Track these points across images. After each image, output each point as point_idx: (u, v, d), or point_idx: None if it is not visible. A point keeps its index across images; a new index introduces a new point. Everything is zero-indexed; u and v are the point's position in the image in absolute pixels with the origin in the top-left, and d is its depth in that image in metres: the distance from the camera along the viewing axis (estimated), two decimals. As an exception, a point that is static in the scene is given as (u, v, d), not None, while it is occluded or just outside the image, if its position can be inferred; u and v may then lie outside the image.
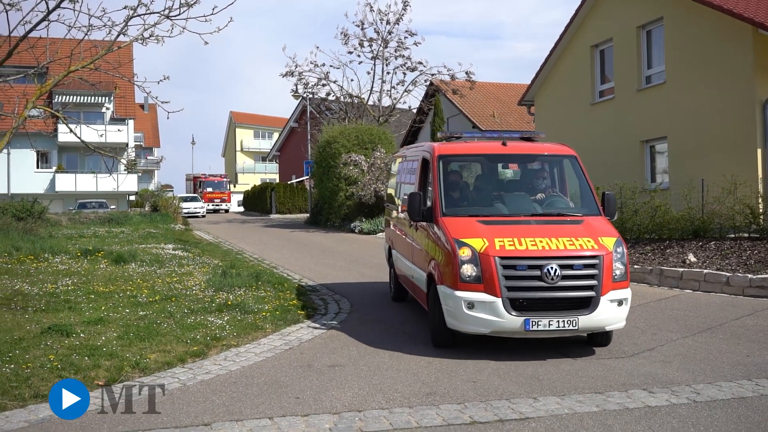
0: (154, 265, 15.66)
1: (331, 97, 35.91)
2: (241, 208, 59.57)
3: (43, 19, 8.74)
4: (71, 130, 10.16)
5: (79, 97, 49.75)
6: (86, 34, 9.10)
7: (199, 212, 47.43)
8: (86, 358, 7.68)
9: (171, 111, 10.23)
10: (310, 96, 37.11)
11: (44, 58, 9.61)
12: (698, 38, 19.14)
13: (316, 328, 9.84)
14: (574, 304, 7.92)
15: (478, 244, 8.04)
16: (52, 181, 52.20)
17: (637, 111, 21.21)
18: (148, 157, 72.59)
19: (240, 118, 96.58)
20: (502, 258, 7.88)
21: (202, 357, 8.13)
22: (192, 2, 8.98)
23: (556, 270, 7.81)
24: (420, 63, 33.72)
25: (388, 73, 34.49)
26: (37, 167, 52.35)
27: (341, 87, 35.10)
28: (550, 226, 8.44)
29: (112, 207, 44.76)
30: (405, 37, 33.51)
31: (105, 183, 48.92)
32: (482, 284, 7.90)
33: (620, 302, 8.11)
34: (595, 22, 23.39)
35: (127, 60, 17.42)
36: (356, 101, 35.20)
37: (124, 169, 45.61)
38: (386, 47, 33.77)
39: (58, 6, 8.60)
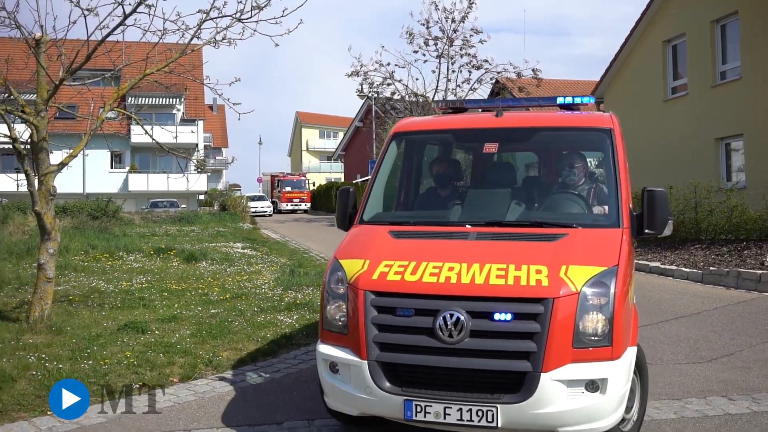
0: (224, 264, 15.96)
1: (396, 97, 35.93)
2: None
3: (120, 24, 8.96)
4: (147, 132, 10.41)
5: (151, 99, 51.20)
6: (161, 38, 9.29)
7: (266, 211, 48.08)
8: (161, 355, 7.86)
9: (242, 113, 10.36)
10: (375, 95, 37.20)
11: (120, 62, 9.85)
12: (776, 32, 18.47)
13: (384, 328, 9.83)
14: (490, 383, 4.63)
15: (354, 267, 5.11)
16: (125, 181, 53.85)
17: (711, 108, 20.59)
18: (217, 157, 73.99)
19: (306, 118, 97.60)
20: (376, 294, 4.88)
21: (273, 356, 8.21)
22: (263, 5, 9.09)
23: (458, 319, 4.59)
24: (486, 61, 33.45)
25: (453, 71, 34.32)
26: (111, 167, 54.08)
27: (406, 86, 35.07)
28: (500, 244, 5.24)
29: (183, 206, 45.86)
30: (470, 35, 33.30)
31: (176, 182, 50.25)
32: (348, 334, 4.99)
33: (592, 386, 4.54)
34: (667, 17, 22.81)
35: (199, 63, 17.72)
36: (421, 100, 35.13)
37: (194, 169, 46.69)
38: (451, 45, 33.61)
39: (134, 11, 8.81)
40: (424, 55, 34.00)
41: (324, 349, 5.12)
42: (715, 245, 15.14)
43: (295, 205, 53.86)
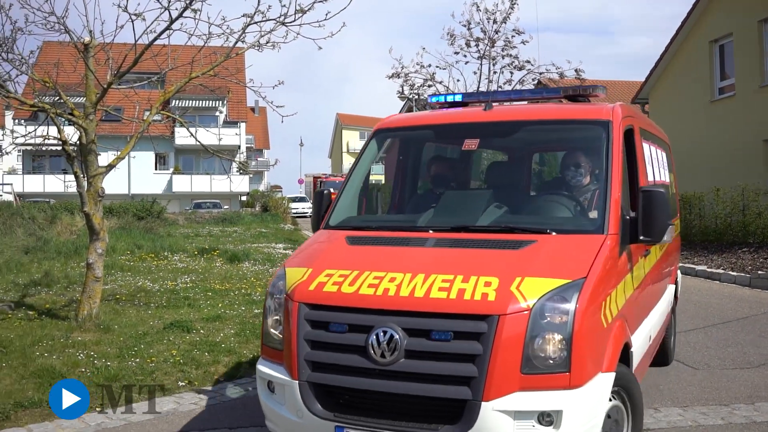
0: (266, 264, 16.11)
1: (437, 98, 35.90)
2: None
3: (166, 28, 9.10)
4: (192, 135, 10.56)
5: (195, 102, 51.96)
6: (206, 42, 9.42)
7: (306, 212, 48.47)
8: (206, 354, 7.98)
9: (285, 115, 10.42)
10: (416, 97, 37.23)
11: (166, 65, 10.01)
12: (828, 30, 18.04)
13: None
14: (428, 411, 4.04)
15: (295, 276, 4.56)
16: (170, 182, 54.71)
17: (759, 108, 20.18)
18: (259, 159, 74.72)
19: (346, 119, 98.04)
20: (310, 306, 4.33)
21: (315, 356, 8.26)
22: (306, 9, 9.16)
23: (392, 337, 4.00)
24: (528, 62, 33.12)
25: (494, 72, 34.16)
26: (156, 169, 55.01)
27: (447, 87, 35.01)
28: (456, 252, 4.59)
29: (225, 207, 46.46)
30: (512, 36, 33.11)
31: (218, 184, 50.86)
32: (283, 351, 4.42)
33: (546, 418, 3.85)
34: (714, 17, 22.43)
35: (242, 66, 17.94)
36: (463, 102, 35.01)
37: (237, 171, 47.24)
38: (493, 46, 33.45)
39: (180, 15, 8.95)
40: (465, 56, 33.75)
41: (262, 366, 4.57)
42: (763, 248, 14.83)
43: None
